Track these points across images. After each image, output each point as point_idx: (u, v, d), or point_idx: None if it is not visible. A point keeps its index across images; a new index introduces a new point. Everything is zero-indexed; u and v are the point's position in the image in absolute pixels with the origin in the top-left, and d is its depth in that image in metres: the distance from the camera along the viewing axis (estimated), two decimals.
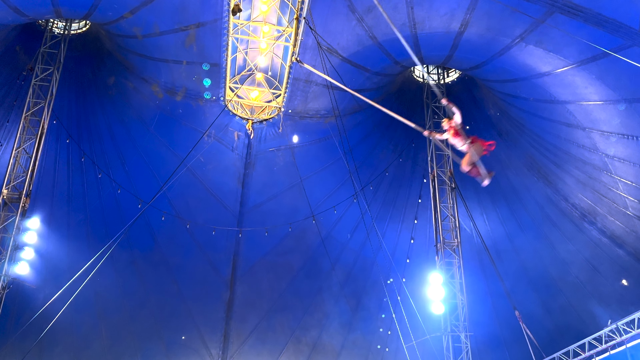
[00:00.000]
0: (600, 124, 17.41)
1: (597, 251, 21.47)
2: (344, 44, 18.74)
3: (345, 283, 25.32)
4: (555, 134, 19.84)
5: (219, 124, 21.56)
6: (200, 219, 24.12)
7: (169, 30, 18.92)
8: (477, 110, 23.86)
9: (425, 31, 17.63)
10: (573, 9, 13.97)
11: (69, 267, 21.12)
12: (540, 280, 23.47)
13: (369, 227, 23.54)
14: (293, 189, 23.99)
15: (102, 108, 23.28)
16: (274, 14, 18.91)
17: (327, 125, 22.27)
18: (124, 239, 20.73)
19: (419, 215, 25.11)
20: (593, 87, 16.33)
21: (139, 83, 22.00)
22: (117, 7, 18.12)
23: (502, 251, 23.75)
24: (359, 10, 17.25)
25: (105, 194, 23.85)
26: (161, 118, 22.53)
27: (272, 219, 24.33)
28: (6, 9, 17.21)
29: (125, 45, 20.83)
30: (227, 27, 18.47)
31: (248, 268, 24.97)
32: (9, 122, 22.30)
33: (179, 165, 20.71)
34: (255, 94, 21.29)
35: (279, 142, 22.72)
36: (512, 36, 16.35)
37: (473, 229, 22.28)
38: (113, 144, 23.56)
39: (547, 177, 21.96)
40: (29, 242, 19.32)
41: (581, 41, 13.96)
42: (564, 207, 21.81)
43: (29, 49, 22.03)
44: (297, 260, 25.33)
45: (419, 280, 22.90)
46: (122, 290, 24.18)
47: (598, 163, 18.90)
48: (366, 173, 24.09)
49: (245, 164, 23.17)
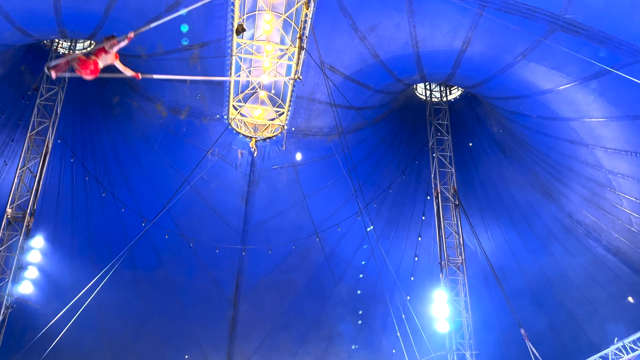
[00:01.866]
0: (603, 140, 17.42)
1: (602, 268, 21.35)
2: (347, 62, 18.83)
3: (349, 301, 25.19)
4: (558, 150, 19.83)
5: (222, 142, 21.62)
6: (203, 237, 24.08)
7: (173, 49, 19.04)
8: (480, 128, 23.90)
9: (427, 49, 17.72)
10: (574, 26, 14.04)
11: (72, 286, 21.08)
12: (545, 297, 23.32)
13: (373, 244, 23.47)
14: (296, 207, 23.97)
15: (106, 127, 23.39)
16: (277, 33, 19.03)
17: (330, 142, 22.30)
18: (127, 258, 20.74)
19: (423, 233, 25.04)
20: (596, 104, 16.36)
21: (143, 102, 22.11)
22: (122, 27, 18.24)
23: (506, 268, 23.63)
24: (362, 29, 17.36)
25: (109, 213, 23.87)
26: (165, 136, 22.61)
27: (275, 237, 24.29)
28: (12, 30, 17.38)
29: (129, 64, 20.90)
30: (231, 46, 18.59)
31: (251, 286, 24.88)
32: (14, 141, 22.41)
33: (183, 183, 20.74)
34: (258, 112, 21.35)
35: (282, 159, 22.74)
36: (515, 54, 16.42)
37: (477, 246, 22.20)
38: (117, 163, 23.63)
39: (551, 194, 21.91)
40: (32, 261, 19.36)
41: (583, 59, 14.00)
42: (569, 223, 21.74)
43: (34, 69, 22.21)
44: (300, 278, 25.24)
45: (424, 298, 22.77)
46: (126, 309, 24.09)
47: (602, 180, 18.87)
48: (369, 190, 24.07)
49: (249, 182, 23.17)
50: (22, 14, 16.82)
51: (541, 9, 14.24)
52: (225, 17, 17.57)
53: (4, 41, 18.48)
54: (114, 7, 16.96)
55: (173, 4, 17.09)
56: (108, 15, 17.39)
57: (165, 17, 17.23)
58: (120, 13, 17.31)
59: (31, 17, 17.15)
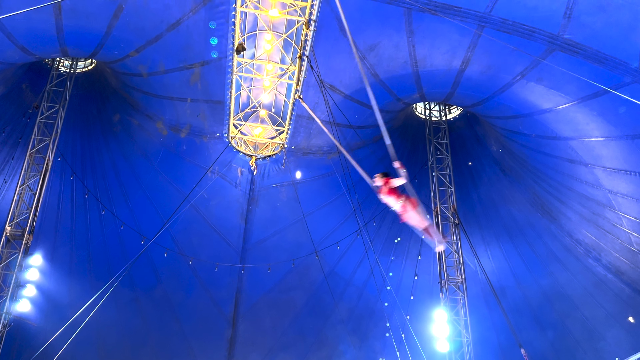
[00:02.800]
0: (602, 160, 17.46)
1: (602, 288, 21.27)
2: (347, 81, 18.94)
3: (349, 320, 25.06)
4: (558, 170, 19.86)
5: (222, 160, 21.66)
6: (202, 256, 24.01)
7: (174, 68, 19.17)
8: (479, 147, 23.96)
9: (427, 69, 17.83)
10: (573, 47, 14.17)
11: (70, 304, 21.01)
12: (545, 317, 23.22)
13: (373, 263, 23.41)
14: (296, 225, 23.93)
15: (106, 145, 23.44)
16: (277, 52, 19.16)
17: (330, 161, 22.35)
18: (126, 276, 20.66)
19: (423, 252, 24.98)
20: (594, 123, 16.43)
21: (143, 120, 22.19)
22: (123, 45, 18.40)
23: (506, 287, 23.55)
24: (361, 48, 17.48)
25: (109, 231, 23.82)
26: (165, 154, 22.65)
27: (275, 255, 24.21)
28: (14, 49, 17.51)
29: (130, 83, 21.08)
30: (232, 65, 18.72)
31: (251, 305, 24.76)
32: (14, 159, 22.45)
33: (183, 201, 20.73)
34: (258, 131, 21.42)
35: (282, 178, 22.76)
36: (513, 73, 16.53)
37: (477, 265, 22.14)
38: (117, 181, 23.65)
39: (550, 213, 21.91)
40: (31, 279, 19.28)
41: (582, 78, 14.09)
42: (569, 243, 21.70)
43: (35, 87, 22.33)
44: (300, 297, 25.12)
45: (424, 317, 22.65)
46: (124, 327, 23.96)
47: (602, 199, 18.87)
48: (369, 209, 24.05)
49: (249, 200, 23.18)
50: (24, 32, 16.96)
51: (539, 29, 14.38)
52: (226, 36, 17.73)
53: (6, 59, 18.60)
54: (115, 25, 17.11)
55: (174, 22, 17.27)
56: (109, 34, 17.54)
57: (166, 35, 17.65)
58: (122, 32, 17.46)
59: (33, 35, 17.29)
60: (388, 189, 10.53)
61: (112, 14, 16.67)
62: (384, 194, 10.54)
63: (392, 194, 10.53)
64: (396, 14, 16.01)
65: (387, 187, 10.51)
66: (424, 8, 15.07)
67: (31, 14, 14.73)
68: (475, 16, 14.94)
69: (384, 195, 10.57)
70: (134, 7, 16.52)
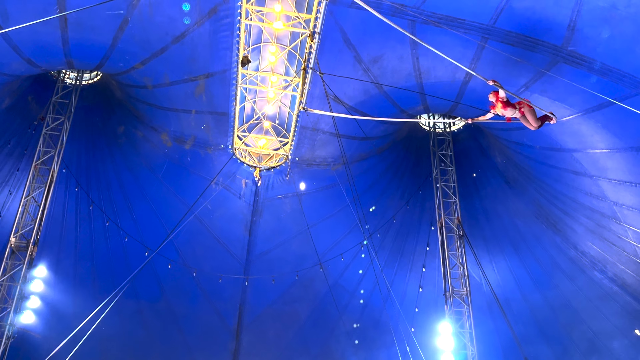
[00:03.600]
0: (607, 171, 17.41)
1: (608, 300, 21.14)
2: (351, 93, 18.97)
3: (353, 332, 24.95)
4: (562, 181, 19.81)
5: (226, 171, 21.69)
6: (206, 267, 24.00)
7: (179, 80, 19.25)
8: (483, 158, 23.94)
9: (431, 80, 17.85)
10: (577, 58, 14.17)
11: (74, 316, 20.91)
12: (551, 329, 23.07)
13: (377, 275, 23.33)
14: (300, 237, 23.90)
15: (111, 156, 23.51)
16: (281, 64, 19.23)
17: (334, 172, 22.34)
18: (130, 288, 20.63)
19: (427, 263, 24.89)
20: (599, 135, 16.40)
21: (148, 132, 22.26)
22: (128, 58, 18.50)
23: (512, 300, 23.41)
24: (365, 60, 17.53)
25: (113, 242, 23.85)
26: (169, 166, 22.70)
27: (278, 267, 24.18)
28: (20, 61, 17.62)
29: (135, 95, 21.17)
30: (236, 77, 18.78)
31: (254, 317, 24.70)
32: (19, 170, 22.53)
33: (187, 212, 20.74)
34: (262, 142, 21.47)
35: (286, 189, 22.76)
36: (517, 85, 16.52)
37: (482, 277, 22.05)
38: (121, 192, 23.69)
39: (555, 225, 21.83)
40: (35, 290, 19.28)
41: (586, 90, 14.08)
42: (574, 255, 21.60)
43: (41, 99, 22.44)
44: (304, 309, 25.05)
45: (428, 329, 22.55)
46: (128, 339, 23.92)
47: (607, 211, 18.80)
48: (374, 220, 24.02)
49: (253, 212, 23.18)
50: (30, 45, 17.07)
51: (543, 41, 14.39)
52: (231, 48, 17.80)
53: (12, 72, 18.71)
54: (120, 38, 17.21)
55: (179, 35, 17.35)
56: (115, 47, 17.64)
57: (171, 48, 17.73)
58: (127, 44, 17.56)
59: (39, 48, 17.40)
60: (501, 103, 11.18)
61: (117, 27, 16.77)
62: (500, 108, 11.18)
63: (507, 106, 11.53)
64: (400, 26, 16.02)
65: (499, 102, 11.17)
66: (427, 20, 15.10)
67: (37, 27, 14.86)
68: (479, 28, 14.97)
69: (500, 110, 11.20)
70: (140, 20, 16.61)
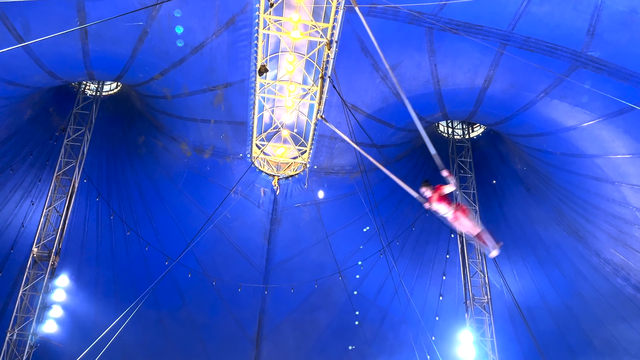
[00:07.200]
0: (629, 177, 17.19)
1: (632, 308, 20.82)
2: (368, 101, 18.98)
3: (373, 341, 24.82)
4: (584, 188, 19.59)
5: (245, 180, 21.76)
6: (226, 276, 24.05)
7: (198, 90, 19.40)
8: (503, 165, 23.76)
9: (449, 87, 17.81)
10: (597, 63, 14.05)
11: (96, 325, 21.10)
12: (573, 337, 22.75)
13: (397, 283, 23.22)
14: (319, 245, 23.88)
15: (131, 166, 23.73)
16: (299, 73, 19.30)
17: (353, 180, 22.32)
18: (150, 297, 20.76)
19: (448, 271, 24.73)
20: (620, 140, 16.21)
21: (168, 142, 22.44)
22: (148, 69, 18.69)
23: (533, 308, 23.15)
24: (383, 68, 17.53)
25: (133, 252, 24.01)
26: (189, 175, 22.85)
27: (298, 276, 24.16)
28: (42, 73, 17.88)
29: (155, 105, 21.36)
30: (254, 86, 18.88)
31: (274, 326, 24.68)
32: (41, 181, 22.83)
33: (206, 222, 20.83)
34: (281, 151, 21.53)
35: (304, 197, 22.78)
36: (537, 91, 16.42)
37: (503, 285, 21.84)
38: (142, 202, 23.87)
39: (577, 232, 21.57)
40: (57, 300, 19.45)
41: (607, 95, 13.95)
42: (596, 262, 21.31)
43: (62, 110, 22.73)
44: (323, 317, 24.98)
45: (449, 338, 22.36)
46: (149, 348, 24.02)
47: (629, 217, 18.55)
48: (392, 228, 23.93)
49: (272, 220, 23.22)
50: (51, 57, 17.32)
51: (562, 47, 14.30)
52: (249, 58, 17.91)
53: (34, 84, 18.99)
54: (140, 49, 17.39)
55: (198, 46, 17.50)
56: (135, 58, 17.83)
57: (190, 58, 17.89)
58: (147, 55, 17.74)
59: (60, 60, 17.64)
60: (439, 196, 10.67)
61: (137, 38, 16.96)
62: (435, 202, 10.64)
63: (443, 202, 10.73)
64: (418, 33, 16.05)
65: (437, 195, 10.65)
66: (445, 27, 15.09)
67: (58, 39, 15.08)
68: (497, 34, 14.92)
69: (435, 204, 10.68)
70: (159, 31, 16.79)
